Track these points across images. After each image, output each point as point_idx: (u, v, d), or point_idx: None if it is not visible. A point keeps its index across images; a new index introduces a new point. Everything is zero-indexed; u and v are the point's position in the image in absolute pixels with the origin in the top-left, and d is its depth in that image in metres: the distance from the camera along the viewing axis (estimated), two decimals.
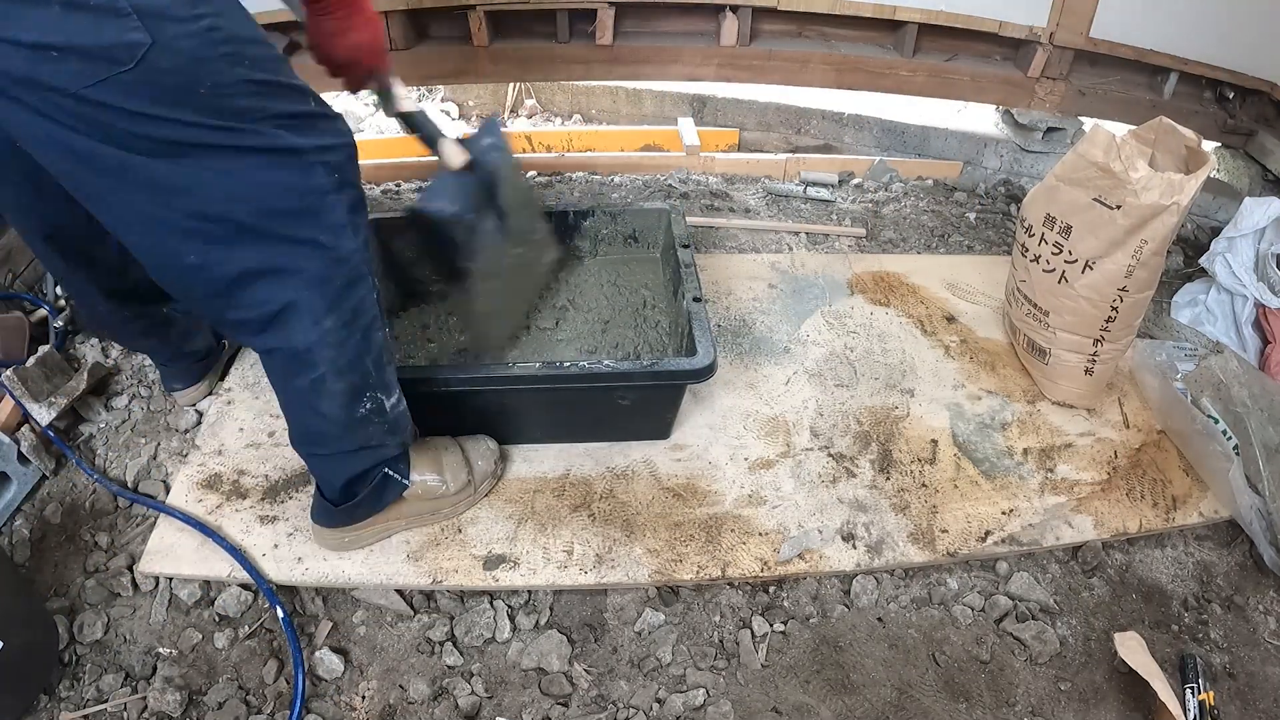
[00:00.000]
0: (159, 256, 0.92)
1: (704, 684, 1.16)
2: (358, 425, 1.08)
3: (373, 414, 1.09)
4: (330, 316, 0.96)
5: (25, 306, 1.67)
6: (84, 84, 0.72)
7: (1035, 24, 2.06)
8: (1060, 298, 1.47)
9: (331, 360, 0.99)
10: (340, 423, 1.06)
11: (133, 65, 0.73)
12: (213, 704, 1.12)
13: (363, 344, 1.02)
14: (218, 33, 0.78)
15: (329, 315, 0.96)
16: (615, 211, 1.66)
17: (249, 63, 0.81)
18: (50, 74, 0.72)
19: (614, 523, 1.32)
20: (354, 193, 0.95)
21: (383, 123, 3.03)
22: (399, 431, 1.16)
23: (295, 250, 0.92)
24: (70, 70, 0.72)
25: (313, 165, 0.89)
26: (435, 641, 1.21)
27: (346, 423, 1.07)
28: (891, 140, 2.54)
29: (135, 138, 0.78)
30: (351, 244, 0.96)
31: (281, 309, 0.94)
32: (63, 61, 0.71)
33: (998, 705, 1.16)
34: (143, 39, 0.72)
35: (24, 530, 1.33)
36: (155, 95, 0.76)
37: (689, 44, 2.19)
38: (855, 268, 1.92)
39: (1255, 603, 1.31)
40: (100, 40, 0.71)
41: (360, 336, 1.01)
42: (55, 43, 0.70)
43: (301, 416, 1.09)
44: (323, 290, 0.95)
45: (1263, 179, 2.17)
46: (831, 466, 1.44)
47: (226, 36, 0.79)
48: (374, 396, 1.07)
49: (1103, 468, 1.46)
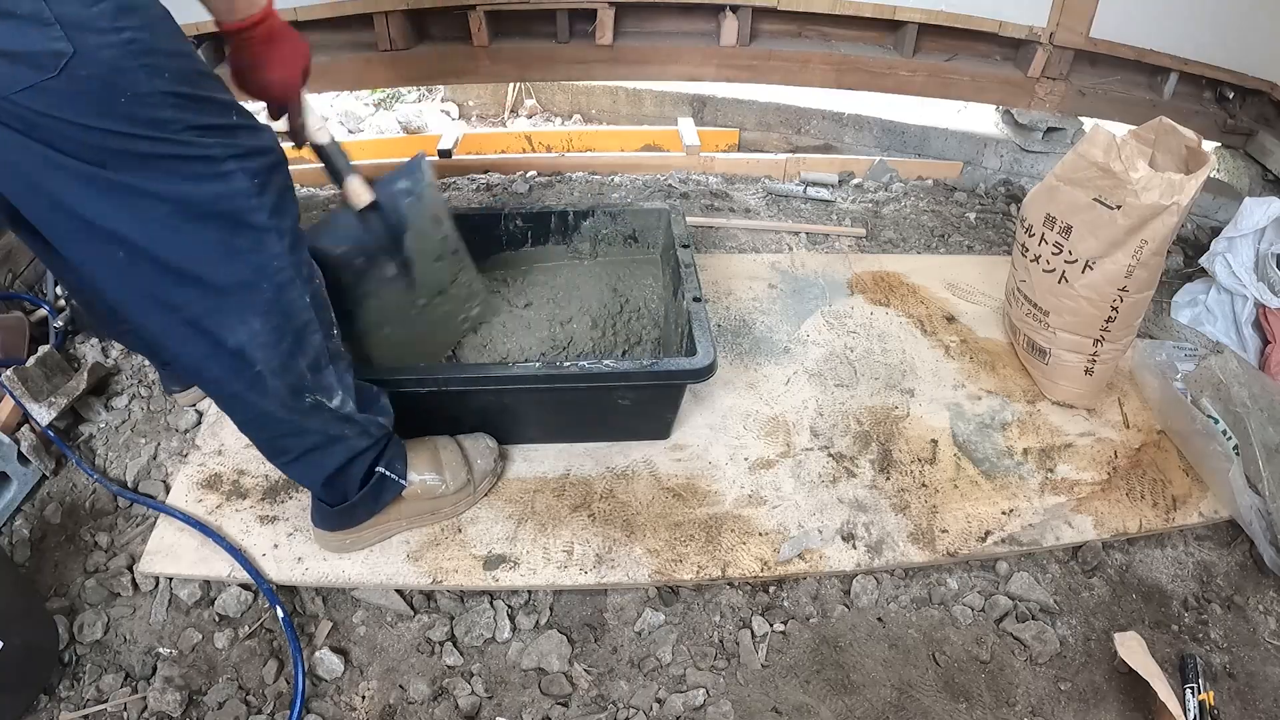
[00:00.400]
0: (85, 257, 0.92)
1: (704, 684, 1.16)
2: (307, 417, 1.08)
3: (317, 407, 1.08)
4: (257, 319, 0.97)
5: (25, 306, 1.67)
6: (12, 89, 0.75)
7: (1035, 24, 2.06)
8: (1060, 298, 1.47)
9: (265, 360, 0.99)
10: (287, 420, 1.06)
11: (56, 73, 0.75)
12: (213, 704, 1.12)
13: (295, 347, 1.02)
14: (137, 44, 0.79)
15: (255, 318, 0.97)
16: (615, 211, 1.66)
17: (169, 75, 0.83)
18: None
19: (614, 523, 1.32)
20: (276, 198, 0.96)
21: (382, 123, 3.03)
22: (351, 422, 1.14)
23: (217, 254, 0.93)
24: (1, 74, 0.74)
25: (232, 172, 0.90)
26: (435, 641, 1.21)
27: (293, 418, 1.07)
28: (891, 140, 2.54)
29: (61, 141, 0.80)
30: (275, 248, 0.96)
31: (205, 312, 0.95)
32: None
33: (998, 705, 1.16)
34: (65, 48, 0.75)
35: (24, 530, 1.33)
36: (78, 103, 0.78)
37: (689, 44, 2.19)
38: (855, 268, 1.92)
39: (1255, 603, 1.31)
40: (26, 47, 0.74)
41: (292, 339, 1.01)
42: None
43: (255, 428, 1.10)
44: (247, 294, 0.96)
45: (1263, 179, 2.17)
46: (831, 466, 1.44)
47: (147, 49, 0.80)
48: (314, 398, 1.07)
49: (1103, 468, 1.46)
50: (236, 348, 0.97)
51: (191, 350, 0.99)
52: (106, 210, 0.86)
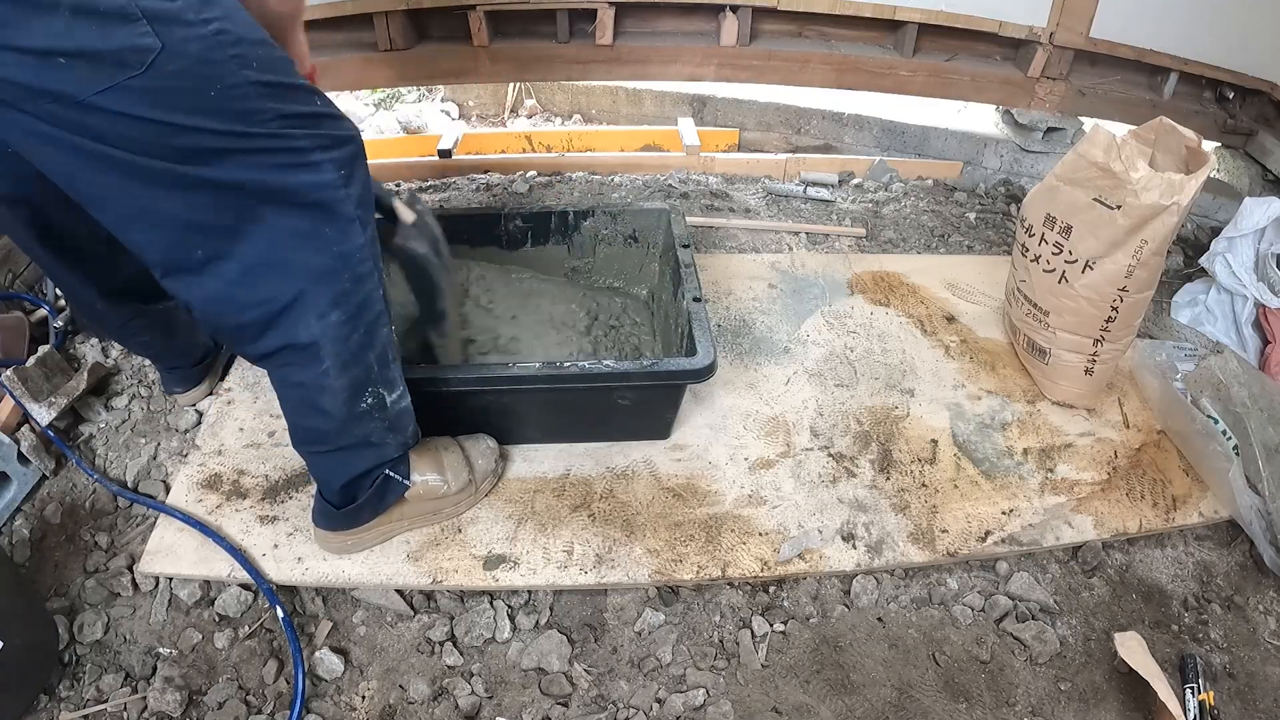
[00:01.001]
0: (164, 255, 0.92)
1: (704, 684, 1.16)
2: (358, 421, 1.09)
3: (373, 409, 1.09)
4: (336, 310, 0.97)
5: (25, 306, 1.67)
6: (92, 90, 0.72)
7: (1035, 24, 2.06)
8: (1060, 298, 1.47)
9: (336, 354, 1.00)
10: (340, 418, 1.07)
11: (142, 70, 0.73)
12: (213, 704, 1.12)
13: (366, 339, 1.02)
14: (226, 35, 0.78)
15: (334, 309, 0.97)
16: (615, 211, 1.66)
17: (256, 64, 0.82)
18: (57, 81, 0.72)
19: (614, 523, 1.32)
20: (360, 189, 0.96)
21: (382, 123, 3.03)
22: (399, 430, 1.16)
23: (303, 245, 0.93)
24: (78, 77, 0.72)
25: (320, 163, 0.90)
26: (435, 641, 1.21)
27: (346, 418, 1.07)
28: (891, 140, 2.54)
29: (143, 142, 0.78)
30: (359, 239, 0.97)
31: (287, 304, 0.95)
32: (70, 68, 0.71)
33: (998, 705, 1.16)
34: (153, 44, 0.73)
35: (24, 530, 1.33)
36: (164, 99, 0.76)
37: (689, 44, 2.19)
38: (855, 268, 1.92)
39: (1255, 603, 1.31)
40: (109, 45, 0.71)
41: (364, 331, 1.02)
42: (63, 49, 0.70)
43: (303, 414, 1.09)
44: (329, 284, 0.96)
45: (1263, 179, 2.17)
46: (831, 466, 1.44)
47: (234, 39, 0.79)
48: (375, 392, 1.08)
49: (1103, 468, 1.46)
50: (310, 340, 0.97)
51: (268, 343, 0.98)
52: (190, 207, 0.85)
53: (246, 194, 0.87)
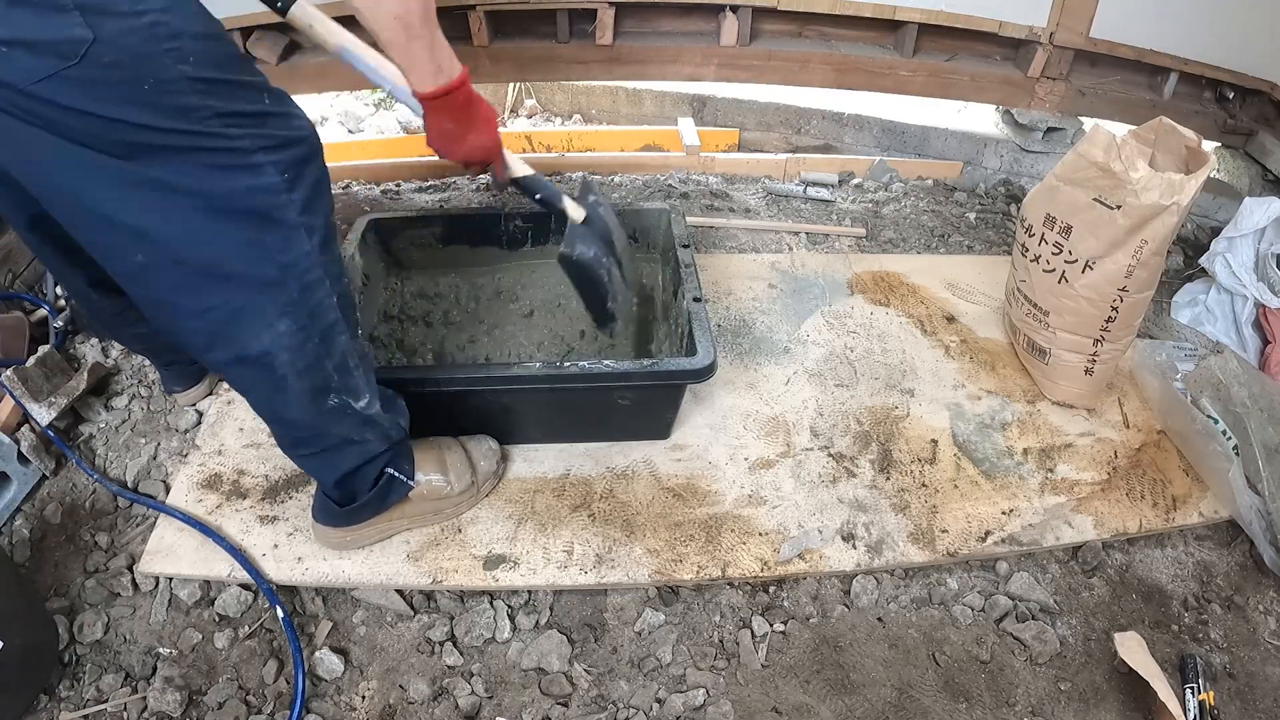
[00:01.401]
0: (107, 254, 0.90)
1: (704, 684, 1.16)
2: (330, 421, 1.07)
3: (343, 409, 1.07)
4: (284, 320, 0.94)
5: (25, 306, 1.67)
6: (32, 79, 0.72)
7: (1035, 24, 2.06)
8: (1060, 298, 1.47)
9: (290, 364, 0.97)
10: (310, 424, 1.05)
11: (77, 61, 0.72)
12: (213, 704, 1.12)
13: (322, 348, 0.99)
14: (162, 28, 0.76)
15: (282, 319, 0.94)
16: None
17: (194, 59, 0.79)
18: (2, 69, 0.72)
19: (614, 523, 1.32)
20: (307, 193, 0.92)
21: (382, 123, 3.03)
22: (375, 426, 1.14)
23: (244, 254, 0.90)
24: (19, 66, 0.71)
25: (262, 165, 0.86)
26: (435, 641, 1.21)
27: (318, 422, 1.06)
28: (891, 140, 2.54)
29: (83, 134, 0.77)
30: (304, 246, 0.93)
31: (231, 314, 0.92)
32: (11, 57, 0.71)
33: (998, 705, 1.16)
34: (85, 35, 0.72)
35: (24, 530, 1.33)
36: (101, 92, 0.75)
37: (689, 44, 2.19)
38: (855, 268, 1.92)
39: (1255, 603, 1.31)
40: (44, 35, 0.71)
41: (319, 340, 0.99)
42: (3, 36, 0.70)
43: (273, 423, 1.09)
44: (274, 295, 0.92)
45: (1263, 179, 2.17)
46: (831, 466, 1.44)
47: (172, 32, 0.77)
48: (339, 398, 1.05)
49: (1103, 468, 1.46)
50: (261, 351, 0.94)
51: (217, 354, 0.96)
52: (130, 206, 0.83)
53: (189, 195, 0.84)
